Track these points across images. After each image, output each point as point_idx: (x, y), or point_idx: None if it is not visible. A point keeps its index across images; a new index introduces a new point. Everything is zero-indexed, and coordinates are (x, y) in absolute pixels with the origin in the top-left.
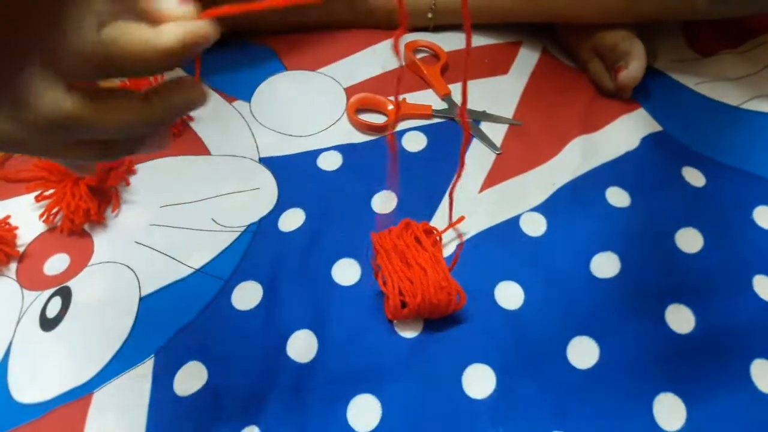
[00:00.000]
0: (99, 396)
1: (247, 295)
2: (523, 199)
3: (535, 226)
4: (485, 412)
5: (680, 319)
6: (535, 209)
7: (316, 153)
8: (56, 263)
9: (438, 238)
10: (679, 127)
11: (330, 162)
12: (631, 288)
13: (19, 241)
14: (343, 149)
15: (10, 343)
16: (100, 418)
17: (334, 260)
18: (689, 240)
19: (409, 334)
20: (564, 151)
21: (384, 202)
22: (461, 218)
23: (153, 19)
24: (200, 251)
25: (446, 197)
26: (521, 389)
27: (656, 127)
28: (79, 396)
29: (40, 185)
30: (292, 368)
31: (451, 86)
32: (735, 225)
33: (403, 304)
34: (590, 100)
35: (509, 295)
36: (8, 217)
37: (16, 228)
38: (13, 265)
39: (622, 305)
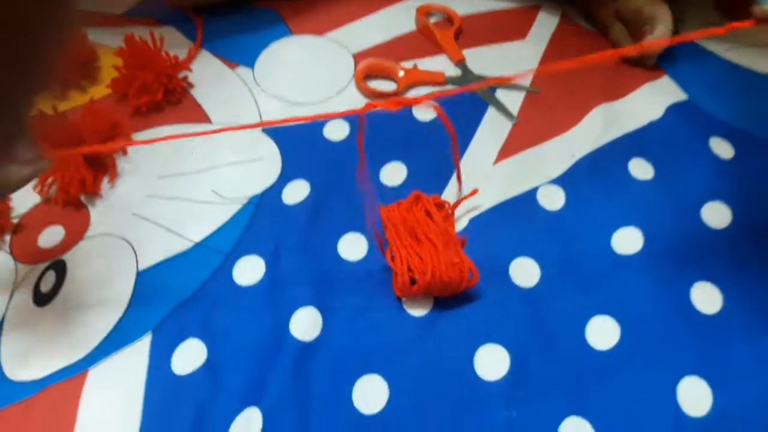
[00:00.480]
0: (94, 374)
1: (249, 270)
2: (541, 171)
3: (552, 199)
4: (498, 394)
5: (706, 298)
6: (553, 182)
7: (324, 122)
8: (51, 235)
9: (450, 211)
10: (706, 95)
11: (337, 132)
12: (654, 265)
13: (13, 213)
14: (351, 118)
15: (3, 319)
16: (95, 397)
17: (339, 234)
18: (717, 215)
19: (418, 312)
20: (584, 121)
21: (392, 174)
22: (474, 191)
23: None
24: (200, 224)
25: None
26: (536, 371)
27: (682, 96)
28: (74, 374)
29: None
30: (295, 347)
31: (465, 51)
32: (766, 199)
33: (413, 281)
34: (612, 67)
35: (525, 271)
36: None
37: (9, 199)
38: (7, 237)
39: (644, 283)
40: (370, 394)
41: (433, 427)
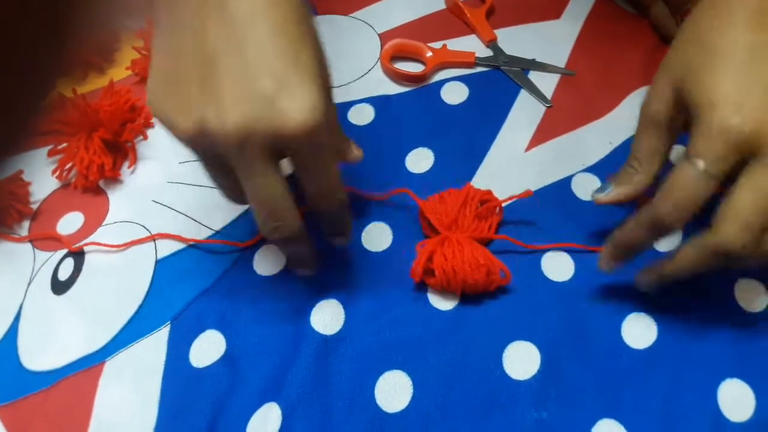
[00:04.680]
0: (111, 365)
1: (270, 260)
2: (576, 159)
3: (588, 188)
4: (527, 394)
5: (750, 295)
6: (589, 170)
7: (347, 105)
8: (70, 222)
9: (498, 209)
10: None
11: (361, 115)
12: None
13: (32, 198)
14: (376, 101)
15: (21, 307)
16: (111, 389)
17: (364, 224)
18: None
19: (445, 306)
20: (622, 105)
21: (419, 160)
22: (527, 192)
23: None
24: (221, 211)
25: (489, 155)
26: (568, 370)
27: None
28: (91, 364)
29: (52, 138)
30: (316, 340)
31: (497, 31)
32: None
33: (431, 272)
34: (652, 49)
35: (558, 265)
36: (21, 172)
37: (29, 184)
38: (26, 224)
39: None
40: (393, 391)
41: (458, 427)
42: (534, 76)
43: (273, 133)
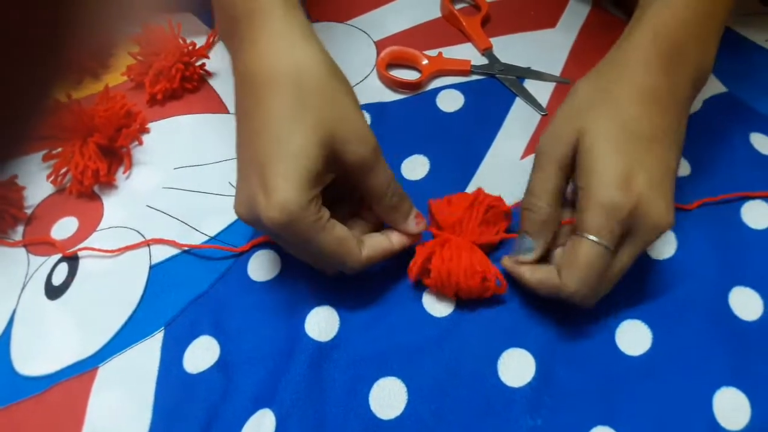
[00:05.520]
0: (104, 370)
1: (264, 266)
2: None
3: None
4: (522, 401)
5: (746, 304)
6: None
7: None
8: (64, 227)
9: (506, 213)
10: (746, 88)
11: None
12: (690, 267)
13: (26, 203)
14: (372, 108)
15: (14, 312)
16: (104, 395)
17: None
18: (758, 214)
19: (440, 312)
20: None
21: (414, 167)
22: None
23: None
24: (216, 217)
25: (484, 163)
26: (563, 377)
27: (720, 88)
28: (84, 370)
29: (47, 143)
30: (310, 347)
31: (493, 40)
32: None
33: (427, 272)
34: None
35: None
36: (15, 176)
37: (23, 188)
38: (20, 228)
39: (679, 286)
40: (388, 397)
41: None
42: (529, 85)
43: (266, 227)
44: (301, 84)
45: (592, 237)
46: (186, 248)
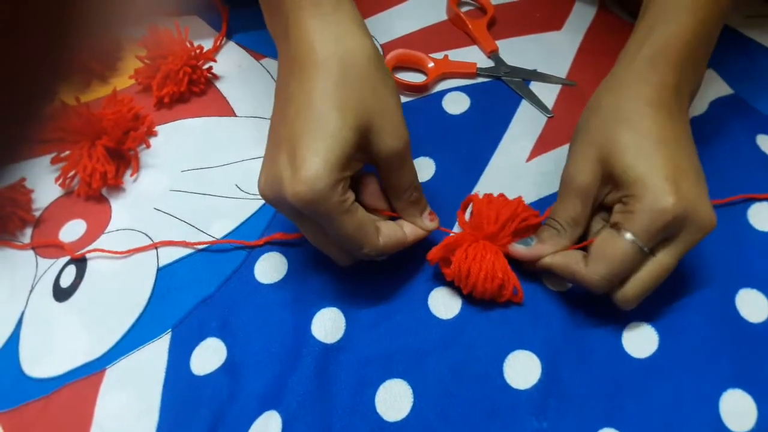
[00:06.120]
0: (112, 372)
1: (271, 268)
2: None
3: None
4: (528, 403)
5: (752, 305)
6: None
7: None
8: (72, 230)
9: (537, 227)
10: (752, 90)
11: None
12: (697, 269)
13: (34, 205)
14: None
15: (22, 314)
16: (112, 396)
17: None
18: (764, 215)
19: (446, 314)
20: None
21: (421, 169)
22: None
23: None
24: (223, 219)
25: (490, 165)
26: (569, 380)
27: (727, 90)
28: (91, 372)
29: (55, 146)
30: (317, 349)
31: (499, 42)
32: None
33: (448, 262)
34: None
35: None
36: (23, 179)
37: (31, 191)
38: (28, 231)
39: (685, 288)
40: (394, 399)
41: None
42: (535, 87)
43: (289, 204)
44: (347, 69)
45: (629, 236)
46: (199, 247)
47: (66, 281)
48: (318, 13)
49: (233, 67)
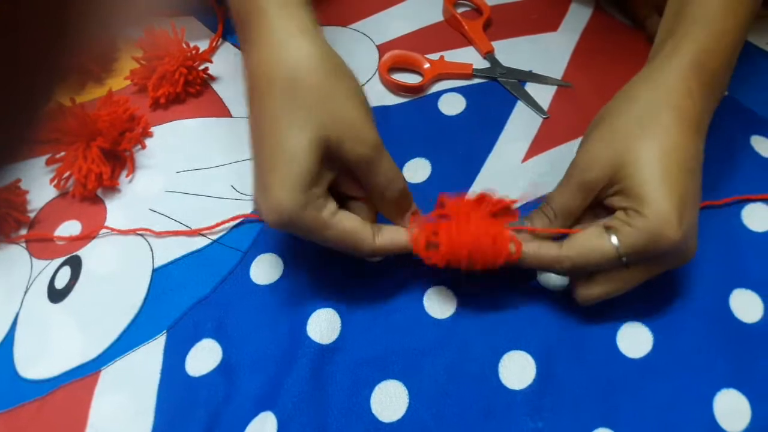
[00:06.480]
0: (107, 374)
1: (266, 269)
2: None
3: None
4: (523, 404)
5: (746, 306)
6: None
7: None
8: (67, 230)
9: (512, 210)
10: (747, 91)
11: None
12: (691, 269)
13: (29, 207)
14: (374, 112)
15: (17, 315)
16: (106, 398)
17: None
18: (759, 216)
19: (441, 314)
20: None
21: (416, 170)
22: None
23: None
24: (218, 220)
25: (486, 166)
26: (564, 380)
27: None
28: (87, 373)
29: (50, 147)
30: (312, 350)
31: (494, 43)
32: None
33: (434, 245)
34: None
35: (553, 275)
36: (18, 180)
37: (26, 192)
38: (23, 232)
39: (679, 288)
40: (389, 400)
41: None
42: (531, 88)
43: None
44: (295, 85)
45: (616, 243)
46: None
47: (61, 282)
48: (264, 21)
49: (229, 68)
